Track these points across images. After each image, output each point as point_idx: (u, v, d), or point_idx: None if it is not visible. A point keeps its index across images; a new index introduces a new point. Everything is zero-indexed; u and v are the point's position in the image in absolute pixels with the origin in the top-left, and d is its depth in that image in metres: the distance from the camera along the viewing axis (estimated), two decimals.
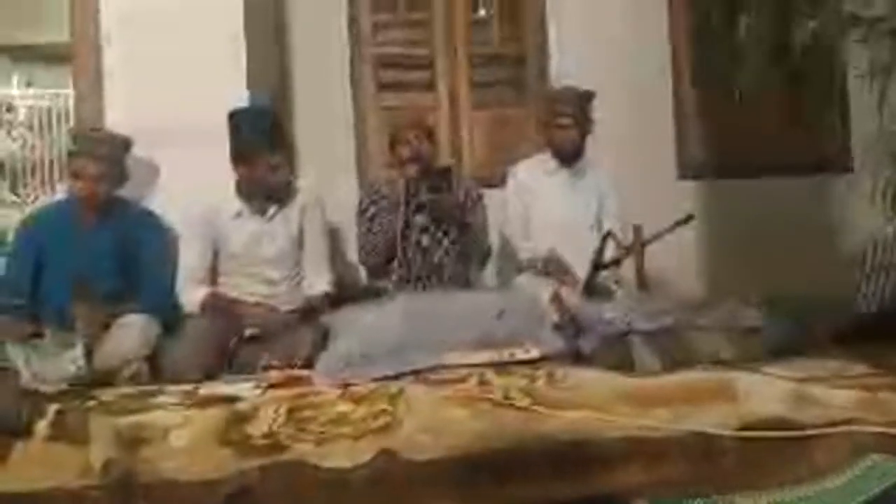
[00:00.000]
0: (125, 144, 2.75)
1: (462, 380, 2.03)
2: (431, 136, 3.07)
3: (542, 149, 3.17)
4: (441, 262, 2.97)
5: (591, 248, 2.73)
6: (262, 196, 2.72)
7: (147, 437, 1.72)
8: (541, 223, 3.06)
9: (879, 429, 1.66)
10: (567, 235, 2.96)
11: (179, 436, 1.73)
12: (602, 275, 2.71)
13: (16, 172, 6.66)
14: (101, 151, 2.67)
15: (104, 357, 2.36)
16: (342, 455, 1.63)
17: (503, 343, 2.26)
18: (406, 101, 3.78)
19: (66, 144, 3.00)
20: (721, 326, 2.18)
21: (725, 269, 3.57)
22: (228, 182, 2.74)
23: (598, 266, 2.68)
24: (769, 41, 2.93)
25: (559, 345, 2.27)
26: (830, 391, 1.82)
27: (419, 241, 2.96)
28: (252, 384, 2.12)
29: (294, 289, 2.78)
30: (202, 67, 2.87)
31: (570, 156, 3.06)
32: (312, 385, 2.10)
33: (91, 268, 2.58)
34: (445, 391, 1.92)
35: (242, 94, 2.93)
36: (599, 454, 1.64)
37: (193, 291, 2.67)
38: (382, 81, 3.79)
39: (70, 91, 3.64)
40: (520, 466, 1.62)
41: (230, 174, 2.72)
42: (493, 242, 3.19)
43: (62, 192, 4.04)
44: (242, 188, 2.72)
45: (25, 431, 1.75)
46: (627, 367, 2.06)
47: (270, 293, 2.73)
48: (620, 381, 1.96)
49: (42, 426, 1.78)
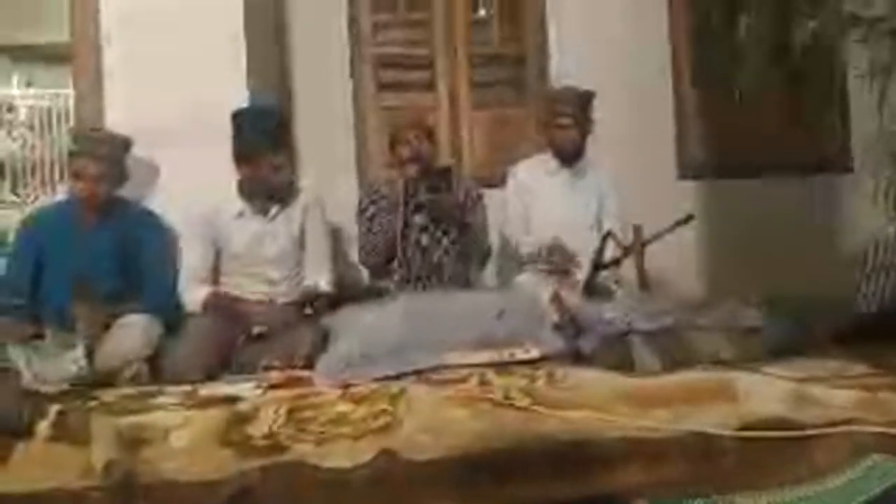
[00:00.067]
0: (125, 144, 2.76)
1: (462, 380, 2.03)
2: (431, 136, 3.07)
3: (542, 149, 3.17)
4: (441, 262, 2.97)
5: (592, 248, 2.73)
6: (265, 196, 2.72)
7: (148, 438, 1.72)
8: (541, 223, 3.06)
9: (880, 429, 1.66)
10: (567, 235, 2.96)
11: (180, 436, 1.73)
12: (602, 275, 2.72)
13: (16, 172, 6.66)
14: (102, 151, 2.67)
15: (105, 357, 2.36)
16: (342, 455, 1.63)
17: (503, 343, 2.26)
18: (406, 101, 3.78)
19: (67, 144, 3.00)
20: (721, 326, 2.18)
21: (726, 269, 3.57)
22: (229, 182, 2.74)
23: (599, 266, 2.68)
24: (769, 41, 2.92)
25: (559, 345, 2.27)
26: (830, 391, 1.82)
27: (419, 241, 2.96)
28: (252, 384, 2.12)
29: (294, 289, 2.78)
30: (202, 67, 2.87)
31: (571, 156, 3.07)
32: (313, 385, 2.10)
33: (91, 268, 2.58)
34: (446, 391, 1.92)
35: (243, 94, 2.93)
36: (599, 454, 1.64)
37: (196, 291, 2.68)
38: (382, 81, 3.79)
39: (70, 91, 3.64)
40: (520, 466, 1.62)
41: (231, 174, 2.72)
42: (493, 243, 3.20)
43: (62, 193, 4.05)
44: (245, 188, 2.72)
45: (26, 432, 1.75)
46: (627, 367, 2.06)
47: (271, 293, 2.73)
48: (620, 382, 1.97)
49: (43, 427, 1.78)
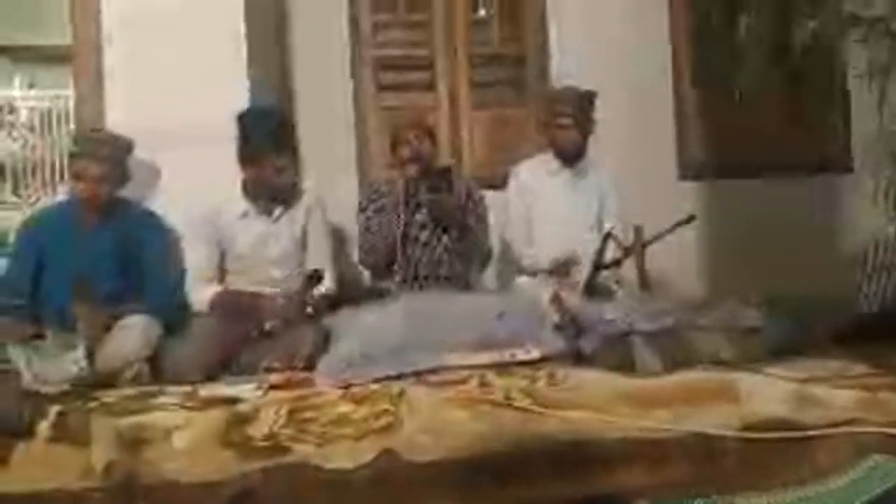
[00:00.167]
0: (127, 146, 2.76)
1: (463, 381, 2.03)
2: (432, 137, 3.07)
3: (543, 149, 3.17)
4: (441, 263, 2.97)
5: (593, 249, 2.73)
6: (269, 197, 2.74)
7: (149, 439, 1.72)
8: (542, 223, 3.06)
9: (881, 429, 1.66)
10: (569, 236, 2.96)
11: (181, 437, 1.73)
12: (603, 275, 2.72)
13: (17, 174, 6.67)
14: (103, 153, 2.67)
15: (106, 358, 2.36)
16: (344, 456, 1.63)
17: (504, 344, 2.26)
18: (406, 102, 3.78)
19: (68, 146, 3.00)
20: (721, 326, 2.17)
21: (726, 270, 3.57)
22: (230, 182, 2.74)
23: (599, 266, 2.68)
24: (769, 41, 2.92)
25: (560, 345, 2.27)
26: (832, 391, 1.82)
27: (419, 241, 2.97)
28: (253, 385, 2.12)
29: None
30: (203, 68, 2.88)
31: (572, 156, 3.06)
32: (313, 386, 2.10)
33: (92, 269, 2.58)
34: (446, 392, 1.92)
35: (243, 95, 2.93)
36: (600, 455, 1.63)
37: (203, 290, 2.68)
38: (382, 82, 3.79)
39: (71, 92, 3.64)
40: (520, 467, 1.62)
41: (232, 175, 2.73)
42: (494, 245, 3.20)
43: (63, 194, 4.05)
44: (249, 189, 2.73)
45: (27, 432, 1.75)
46: (628, 368, 2.06)
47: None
48: (621, 382, 1.96)
49: (43, 427, 1.78)
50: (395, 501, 1.60)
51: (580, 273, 2.81)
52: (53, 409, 1.88)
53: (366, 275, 3.14)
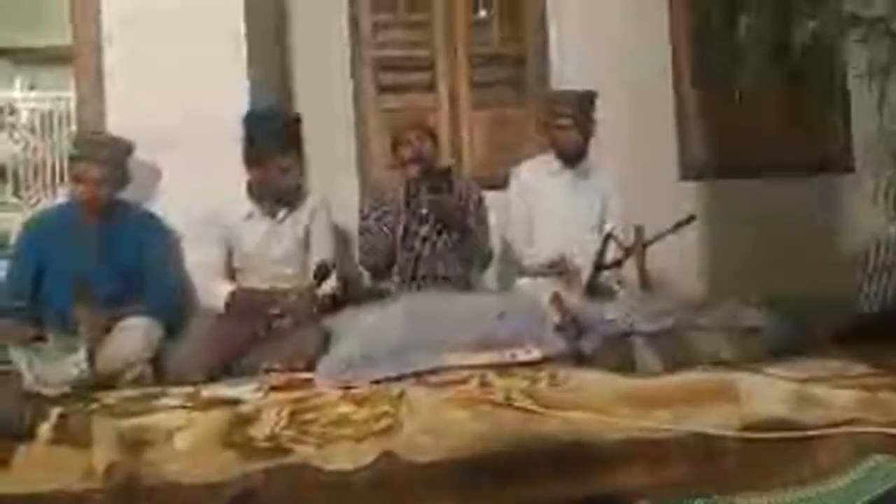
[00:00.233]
0: (127, 148, 2.76)
1: (463, 381, 2.03)
2: (433, 137, 3.07)
3: (543, 149, 3.17)
4: (441, 264, 2.97)
5: (594, 249, 2.73)
6: (273, 198, 2.75)
7: (150, 440, 1.72)
8: (544, 224, 3.06)
9: (882, 429, 1.65)
10: (570, 236, 2.96)
11: (182, 438, 1.73)
12: (604, 275, 2.72)
13: (18, 175, 6.66)
14: (103, 155, 2.67)
15: (107, 360, 2.37)
16: (344, 457, 1.63)
17: (505, 344, 2.26)
18: (406, 102, 3.79)
19: (68, 148, 3.00)
20: (721, 327, 2.17)
21: (727, 270, 3.57)
22: (231, 183, 2.75)
23: (600, 267, 2.68)
24: (769, 41, 2.92)
25: (560, 346, 2.27)
26: (832, 391, 1.82)
27: (419, 241, 2.97)
28: (254, 386, 2.13)
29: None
30: (203, 68, 2.88)
31: (573, 157, 3.06)
32: (314, 387, 2.10)
33: (93, 271, 2.58)
34: (447, 393, 1.92)
35: (244, 96, 2.93)
36: (601, 455, 1.63)
37: (216, 288, 2.68)
38: (383, 83, 3.79)
39: (72, 94, 3.64)
40: (521, 468, 1.62)
41: (232, 175, 2.73)
42: (495, 246, 3.20)
43: (64, 196, 4.05)
44: (254, 190, 2.74)
45: (28, 434, 1.75)
46: (629, 368, 2.06)
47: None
48: (622, 383, 1.96)
49: (45, 429, 1.78)
50: (396, 502, 1.60)
51: (579, 273, 2.81)
52: (55, 411, 1.88)
53: (366, 275, 3.14)
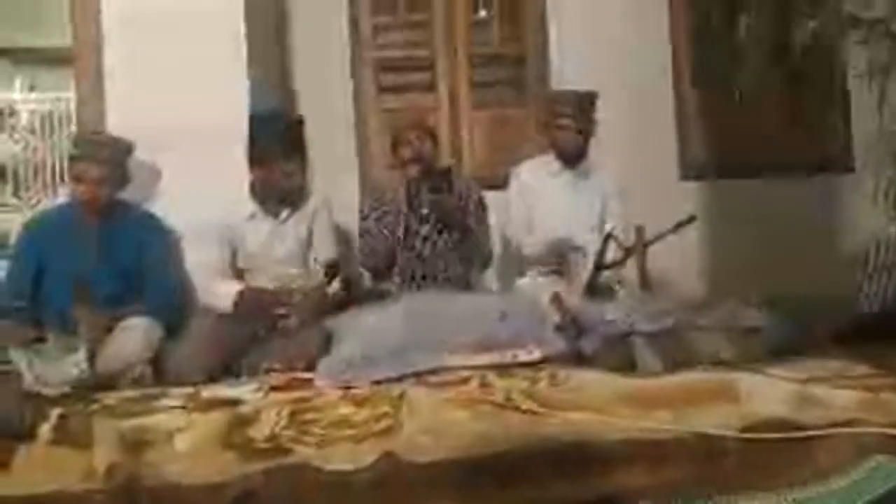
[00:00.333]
0: (127, 148, 2.76)
1: (464, 381, 2.04)
2: (433, 137, 3.07)
3: (543, 149, 3.17)
4: (442, 264, 2.97)
5: (594, 250, 2.73)
6: (276, 199, 2.75)
7: (150, 441, 1.72)
8: (544, 224, 3.06)
9: (883, 430, 1.65)
10: (570, 236, 2.96)
11: (183, 439, 1.73)
12: (604, 275, 2.72)
13: (18, 176, 6.66)
14: (103, 155, 2.67)
15: (107, 360, 2.37)
16: (345, 458, 1.63)
17: (505, 345, 2.26)
18: (407, 103, 3.79)
19: (68, 148, 3.00)
20: (722, 327, 2.17)
21: (727, 269, 3.57)
22: (231, 183, 2.75)
23: (600, 267, 2.68)
24: (769, 41, 2.92)
25: (561, 346, 2.27)
26: (832, 392, 1.82)
27: (420, 242, 2.96)
28: (254, 387, 2.13)
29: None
30: (203, 68, 2.88)
31: (573, 157, 3.06)
32: (314, 387, 2.10)
33: (93, 271, 2.58)
34: (447, 393, 1.93)
35: (243, 95, 2.93)
36: (601, 456, 1.63)
37: (223, 287, 2.68)
38: (383, 84, 3.79)
39: (72, 94, 3.64)
40: (521, 468, 1.61)
41: (232, 175, 2.73)
42: (495, 245, 3.20)
43: (64, 196, 4.05)
44: (257, 190, 2.75)
45: (28, 435, 1.75)
46: (629, 368, 2.06)
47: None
48: (622, 383, 1.97)
49: (45, 430, 1.78)
50: (396, 502, 1.60)
51: (581, 269, 2.81)
52: (55, 412, 1.88)
53: (367, 276, 3.14)
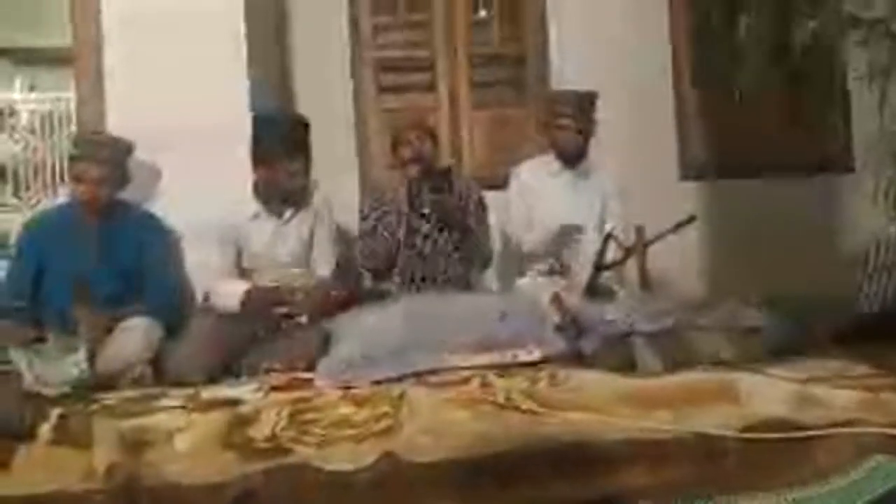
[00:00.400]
0: (127, 148, 2.76)
1: (464, 382, 2.04)
2: (433, 137, 3.07)
3: (543, 149, 3.16)
4: (442, 264, 2.97)
5: (594, 250, 2.73)
6: (279, 199, 2.75)
7: (150, 441, 1.72)
8: (543, 224, 3.06)
9: (882, 430, 1.65)
10: (570, 236, 2.96)
11: (183, 439, 1.73)
12: (604, 275, 2.72)
13: (18, 176, 6.66)
14: (103, 155, 2.67)
15: (107, 360, 2.36)
16: (345, 458, 1.63)
17: (505, 345, 2.26)
18: (407, 103, 3.79)
19: (68, 148, 3.00)
20: (722, 327, 2.18)
21: (727, 269, 3.57)
22: (231, 183, 2.75)
23: (600, 267, 2.68)
24: (769, 41, 2.92)
25: (561, 346, 2.27)
26: (832, 392, 1.82)
27: (420, 242, 2.96)
28: (254, 387, 2.13)
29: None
30: (203, 68, 2.87)
31: (573, 157, 3.06)
32: (314, 387, 2.10)
33: (93, 271, 2.58)
34: (447, 393, 1.93)
35: (243, 95, 2.93)
36: (601, 456, 1.63)
37: (228, 287, 2.68)
38: (383, 84, 3.79)
39: (72, 94, 3.64)
40: (522, 468, 1.62)
41: (232, 175, 2.73)
42: (496, 245, 3.19)
43: (64, 196, 4.05)
44: (260, 190, 2.75)
45: (28, 435, 1.76)
46: (629, 368, 2.06)
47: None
48: (622, 383, 1.97)
49: (45, 430, 1.78)
50: (396, 503, 1.60)
51: (581, 269, 2.81)
52: (55, 412, 1.88)
53: (367, 276, 3.14)
